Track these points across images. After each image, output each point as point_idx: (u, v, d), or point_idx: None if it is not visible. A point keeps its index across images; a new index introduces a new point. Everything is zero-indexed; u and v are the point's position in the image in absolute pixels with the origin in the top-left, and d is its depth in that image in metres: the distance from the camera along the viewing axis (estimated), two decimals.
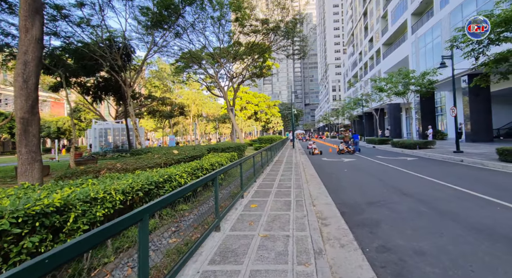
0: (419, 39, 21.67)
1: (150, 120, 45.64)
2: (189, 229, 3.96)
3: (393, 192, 5.69)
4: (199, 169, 5.66)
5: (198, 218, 4.37)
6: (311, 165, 11.27)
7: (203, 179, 3.18)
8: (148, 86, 34.97)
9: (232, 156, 8.73)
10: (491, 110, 16.14)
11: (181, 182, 4.63)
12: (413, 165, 10.01)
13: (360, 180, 7.45)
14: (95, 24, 11.86)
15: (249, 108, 52.01)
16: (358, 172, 9.03)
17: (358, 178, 7.88)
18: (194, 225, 4.03)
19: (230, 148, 11.17)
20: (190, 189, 2.72)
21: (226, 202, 5.02)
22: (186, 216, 4.61)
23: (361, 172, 8.88)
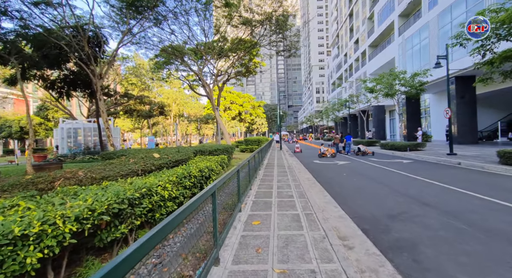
0: (406, 41, 22.10)
1: (127, 120, 43.04)
2: (176, 260, 3.03)
3: (411, 202, 5.11)
4: (187, 176, 4.72)
5: (188, 241, 3.43)
6: (305, 169, 10.63)
7: (202, 195, 2.29)
8: (125, 83, 32.76)
9: (222, 159, 7.82)
10: (476, 113, 16.61)
11: (164, 195, 3.68)
12: (412, 168, 9.70)
13: (365, 186, 6.87)
14: (57, 2, 10.33)
15: (233, 108, 50.99)
16: (359, 176, 8.49)
17: (361, 183, 7.31)
18: (183, 255, 3.10)
19: (218, 150, 10.22)
20: (189, 211, 1.84)
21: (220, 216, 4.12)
22: (170, 239, 3.65)
23: (362, 177, 8.35)
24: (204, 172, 5.57)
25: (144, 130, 42.58)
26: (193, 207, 2.05)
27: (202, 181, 5.47)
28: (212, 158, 7.67)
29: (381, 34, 28.45)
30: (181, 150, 7.99)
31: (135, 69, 28.93)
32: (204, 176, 5.58)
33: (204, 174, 5.54)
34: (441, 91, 21.52)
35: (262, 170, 10.17)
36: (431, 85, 18.33)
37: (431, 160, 11.58)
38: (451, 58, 16.77)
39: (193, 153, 8.04)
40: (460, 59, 15.17)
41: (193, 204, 2.04)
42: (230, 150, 11.71)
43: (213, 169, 6.05)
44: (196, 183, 5.21)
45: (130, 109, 36.52)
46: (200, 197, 2.26)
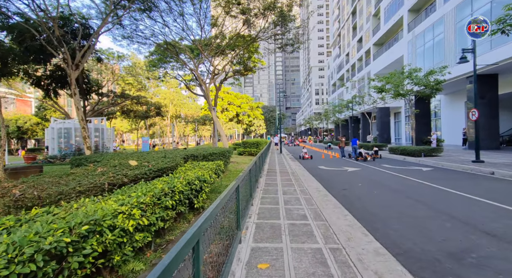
0: (416, 38, 21.19)
1: (124, 121, 42.20)
2: None
3: (468, 230, 3.94)
4: (169, 193, 3.55)
5: None
6: (312, 176, 9.50)
7: (176, 256, 1.10)
8: (121, 83, 31.87)
9: (217, 166, 6.66)
10: (498, 115, 15.62)
11: (127, 229, 2.50)
12: (437, 177, 8.60)
13: (391, 201, 5.74)
14: None
15: (231, 109, 49.84)
16: (378, 187, 7.36)
17: (385, 197, 6.18)
18: None
19: (214, 154, 9.04)
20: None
21: (212, 247, 2.94)
22: None
23: (382, 188, 7.22)
24: (194, 185, 4.40)
25: (142, 131, 41.44)
26: None
27: (191, 195, 4.31)
28: (206, 164, 6.50)
29: (387, 32, 27.57)
30: (168, 155, 6.81)
31: (131, 68, 27.89)
32: (194, 189, 4.41)
33: (194, 187, 4.37)
34: (454, 92, 20.58)
35: (263, 177, 9.03)
36: (444, 85, 17.34)
37: (455, 167, 10.49)
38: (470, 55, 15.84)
39: (183, 159, 6.86)
40: (483, 54, 14.16)
41: None
42: (227, 153, 10.54)
43: (205, 180, 4.89)
44: (183, 199, 4.05)
45: (127, 110, 35.68)
46: (172, 261, 1.08)
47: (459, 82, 17.78)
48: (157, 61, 18.56)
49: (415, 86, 15.50)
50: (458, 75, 15.93)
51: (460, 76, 15.97)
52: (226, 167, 10.73)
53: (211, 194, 6.64)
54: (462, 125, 20.56)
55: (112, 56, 24.73)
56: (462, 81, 17.21)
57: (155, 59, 18.28)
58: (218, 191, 7.02)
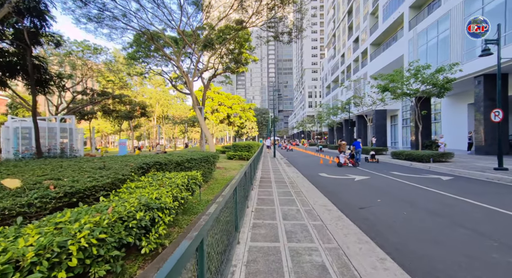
0: (418, 36, 20.03)
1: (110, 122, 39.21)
2: None
3: None
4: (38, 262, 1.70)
5: None
6: (314, 187, 7.81)
7: None
8: (101, 80, 29.22)
9: (190, 178, 4.86)
10: (508, 118, 14.45)
11: None
12: (468, 190, 7.07)
13: (440, 234, 4.08)
14: None
15: (221, 111, 47.79)
16: (404, 205, 5.72)
17: (426, 225, 4.52)
18: None
19: (193, 161, 7.19)
20: None
21: None
22: None
23: (411, 207, 5.59)
24: (135, 220, 2.56)
25: (129, 133, 38.83)
26: None
27: (128, 238, 2.48)
28: (175, 177, 4.68)
29: (386, 30, 26.47)
30: (111, 165, 4.90)
31: (111, 64, 25.42)
32: (136, 226, 2.58)
33: (134, 224, 2.53)
34: (456, 94, 19.48)
35: (255, 189, 7.25)
36: (461, 82, 16.12)
37: (477, 176, 9.03)
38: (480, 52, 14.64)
39: (141, 168, 4.98)
40: None
41: None
42: (212, 159, 8.71)
43: (162, 207, 3.07)
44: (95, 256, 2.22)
45: (108, 109, 33.02)
46: None
47: (463, 83, 16.64)
48: (136, 54, 16.54)
49: (422, 85, 14.13)
50: (469, 73, 14.70)
51: (472, 74, 14.77)
52: (210, 175, 8.91)
53: (184, 217, 4.83)
54: (464, 129, 19.49)
55: (87, 49, 22.34)
56: (467, 82, 16.07)
57: (133, 51, 16.25)
58: (194, 212, 5.22)
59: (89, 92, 27.68)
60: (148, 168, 5.26)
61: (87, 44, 23.51)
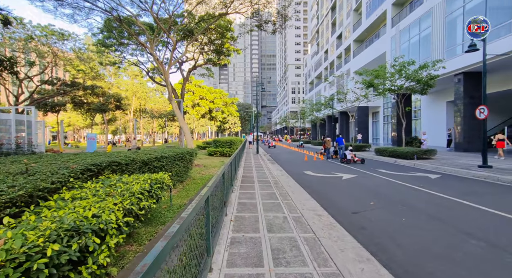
0: (401, 33, 20.05)
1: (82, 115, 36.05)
2: None
3: None
4: None
5: None
6: (301, 187, 7.20)
7: None
8: (70, 69, 26.44)
9: (155, 183, 3.98)
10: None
11: None
12: (460, 190, 6.76)
13: (447, 245, 3.53)
14: None
15: (203, 105, 46.18)
16: (400, 209, 5.21)
17: (430, 235, 3.99)
18: None
19: (164, 159, 6.22)
20: None
21: None
22: None
23: (409, 212, 5.09)
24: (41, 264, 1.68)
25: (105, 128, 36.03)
26: None
27: None
28: (134, 181, 3.77)
29: (369, 27, 26.46)
30: (43, 167, 3.85)
31: (80, 51, 23.01)
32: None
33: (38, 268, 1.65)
34: (436, 92, 19.79)
35: (236, 191, 6.47)
36: (443, 79, 16.17)
37: (464, 174, 8.88)
38: (461, 50, 14.76)
39: (88, 171, 3.93)
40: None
41: None
42: (187, 156, 7.76)
43: (103, 229, 2.19)
44: None
45: (79, 101, 30.46)
46: None
47: (443, 81, 16.83)
48: (106, 40, 14.94)
49: (406, 81, 13.99)
50: (450, 71, 14.78)
51: (452, 72, 14.87)
52: (187, 174, 7.98)
53: (147, 228, 3.94)
54: (443, 126, 19.93)
55: (52, 34, 20.08)
56: (447, 79, 16.24)
57: (103, 36, 14.64)
58: (162, 221, 4.34)
59: (56, 82, 25.34)
60: (99, 170, 4.25)
61: (52, 29, 21.14)
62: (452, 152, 16.21)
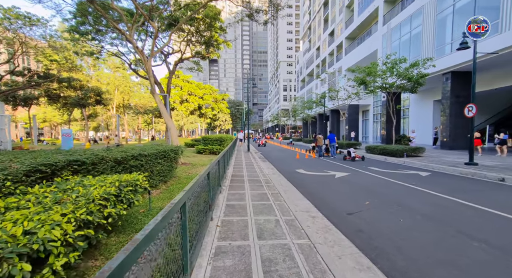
0: (392, 31, 20.10)
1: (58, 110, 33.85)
2: None
3: None
4: None
5: None
6: (293, 187, 6.93)
7: None
8: (42, 59, 24.59)
9: (126, 185, 3.59)
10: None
11: None
12: (450, 187, 6.71)
13: (447, 245, 3.35)
14: None
15: (191, 101, 45.18)
16: (396, 209, 5.04)
17: (432, 237, 3.81)
18: None
19: (143, 157, 5.75)
20: None
21: None
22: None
23: (405, 212, 4.92)
24: None
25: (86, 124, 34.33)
26: None
27: None
28: (97, 184, 3.37)
29: (361, 24, 26.47)
30: None
31: (52, 39, 21.30)
32: None
33: None
34: (424, 90, 20.02)
35: (225, 192, 6.13)
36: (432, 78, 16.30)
37: (451, 171, 8.96)
38: (450, 49, 14.87)
39: (36, 172, 3.39)
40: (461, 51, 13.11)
41: None
42: (171, 154, 7.30)
43: (38, 249, 1.80)
44: None
45: (54, 95, 28.49)
46: None
47: (431, 80, 17.02)
48: (80, 27, 13.96)
49: (398, 79, 13.97)
50: (439, 70, 14.93)
51: (441, 71, 15.04)
52: (171, 174, 7.55)
53: (119, 237, 3.54)
54: (429, 124, 20.23)
55: (17, 17, 18.14)
56: (435, 78, 16.40)
57: (77, 22, 13.67)
58: (137, 228, 3.93)
59: (26, 73, 23.52)
60: (55, 171, 3.74)
61: (17, 12, 18.69)
62: (438, 149, 16.45)
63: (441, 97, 15.88)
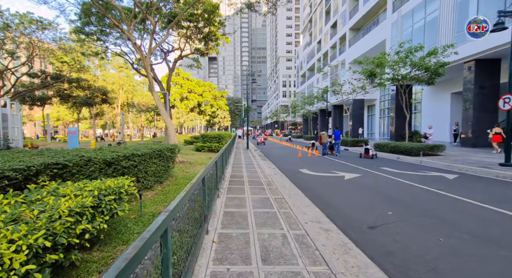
0: (403, 18, 19.12)
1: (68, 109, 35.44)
2: None
3: None
4: None
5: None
6: (299, 191, 6.18)
7: None
8: (54, 61, 25.20)
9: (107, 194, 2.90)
10: (497, 108, 14.03)
11: None
12: (492, 195, 5.90)
13: None
14: None
15: (191, 98, 44.39)
16: (427, 220, 4.26)
17: (477, 257, 3.03)
18: None
19: (136, 157, 5.04)
20: None
21: None
22: None
23: (442, 226, 4.13)
24: None
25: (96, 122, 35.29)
26: None
27: None
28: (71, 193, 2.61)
29: (367, 13, 25.44)
30: None
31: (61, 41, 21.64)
32: None
33: None
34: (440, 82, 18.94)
35: (223, 195, 5.35)
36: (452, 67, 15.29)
37: (484, 173, 7.97)
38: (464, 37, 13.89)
39: (3, 179, 2.91)
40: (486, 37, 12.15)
41: None
42: (167, 153, 6.51)
43: None
44: None
45: (65, 95, 29.21)
46: None
47: (449, 70, 16.04)
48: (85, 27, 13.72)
49: (412, 69, 13.05)
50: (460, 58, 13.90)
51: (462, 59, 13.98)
52: (167, 174, 6.79)
53: (103, 252, 2.80)
54: (446, 119, 19.16)
55: (30, 22, 18.97)
56: (453, 68, 15.36)
57: (82, 23, 13.38)
58: (125, 239, 3.22)
59: (40, 75, 24.29)
60: (29, 177, 3.10)
61: (31, 17, 19.80)
62: (459, 147, 15.52)
63: (462, 89, 14.82)
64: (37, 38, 20.94)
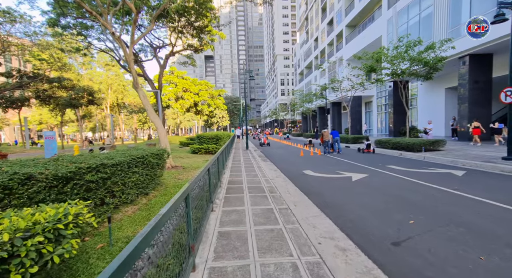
0: (398, 14, 18.51)
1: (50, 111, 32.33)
2: None
3: None
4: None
5: None
6: (305, 197, 5.55)
7: None
8: (30, 59, 23.39)
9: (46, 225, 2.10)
10: (491, 102, 13.63)
11: None
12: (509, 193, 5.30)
13: None
14: None
15: (187, 98, 43.35)
16: (455, 230, 3.66)
17: None
18: None
19: (106, 168, 4.30)
20: None
21: None
22: None
23: (475, 237, 3.52)
24: None
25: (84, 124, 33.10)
26: None
27: None
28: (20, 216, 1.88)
29: (363, 10, 24.78)
30: None
31: (35, 35, 19.95)
32: None
33: None
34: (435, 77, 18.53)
35: (218, 209, 4.69)
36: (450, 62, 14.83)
37: (490, 168, 7.53)
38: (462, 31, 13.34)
39: None
40: None
41: None
42: (152, 160, 5.84)
43: None
44: None
45: (45, 96, 27.13)
46: None
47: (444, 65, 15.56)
48: (60, 19, 12.47)
49: (412, 64, 12.49)
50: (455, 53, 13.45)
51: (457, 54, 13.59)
52: (153, 183, 6.12)
53: None
54: (441, 114, 18.81)
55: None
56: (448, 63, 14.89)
57: (54, 12, 12.11)
58: (77, 272, 2.50)
59: (15, 74, 22.24)
60: None
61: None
62: (457, 141, 15.08)
63: (457, 84, 14.43)
64: (7, 32, 18.75)
